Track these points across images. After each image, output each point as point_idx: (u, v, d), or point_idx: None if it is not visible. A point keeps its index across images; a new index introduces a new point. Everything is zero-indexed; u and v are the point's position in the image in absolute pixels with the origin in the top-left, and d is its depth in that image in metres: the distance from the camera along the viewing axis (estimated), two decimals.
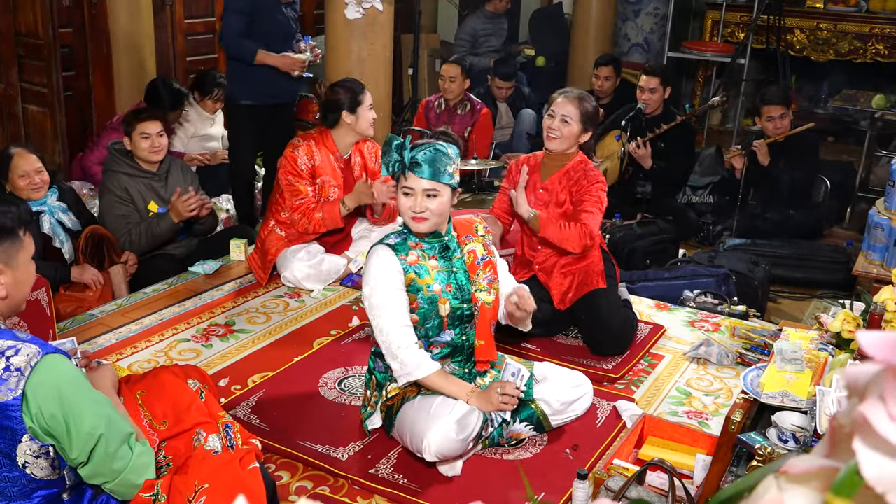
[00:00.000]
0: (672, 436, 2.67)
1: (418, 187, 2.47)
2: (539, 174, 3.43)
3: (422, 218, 2.50)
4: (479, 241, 2.68)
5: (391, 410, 2.62)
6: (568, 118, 3.30)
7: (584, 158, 3.40)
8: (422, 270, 2.55)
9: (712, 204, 5.15)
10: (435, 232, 2.59)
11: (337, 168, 3.97)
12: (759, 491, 0.53)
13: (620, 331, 3.36)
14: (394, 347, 2.49)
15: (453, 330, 2.61)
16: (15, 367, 1.63)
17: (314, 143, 3.93)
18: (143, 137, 3.86)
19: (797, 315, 4.04)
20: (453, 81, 5.51)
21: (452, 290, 2.58)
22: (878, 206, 3.81)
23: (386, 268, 2.51)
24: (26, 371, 1.64)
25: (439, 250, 2.60)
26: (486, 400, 2.51)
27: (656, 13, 7.51)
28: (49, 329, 3.02)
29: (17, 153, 3.52)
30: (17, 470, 1.70)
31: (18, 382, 1.63)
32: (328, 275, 3.99)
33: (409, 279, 2.53)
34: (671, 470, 2.15)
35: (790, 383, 2.23)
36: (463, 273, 2.62)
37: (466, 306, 2.61)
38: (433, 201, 2.49)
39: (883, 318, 2.33)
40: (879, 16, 6.94)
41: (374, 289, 2.51)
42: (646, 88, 5.10)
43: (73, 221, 3.68)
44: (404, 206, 2.51)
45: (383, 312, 2.50)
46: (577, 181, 3.33)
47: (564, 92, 3.40)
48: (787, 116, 4.79)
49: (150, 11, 5.49)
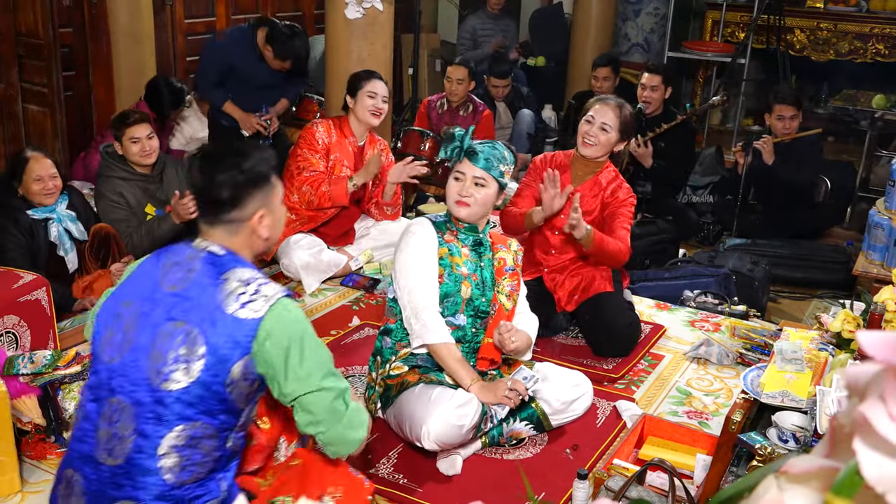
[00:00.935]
0: (672, 436, 2.67)
1: (469, 173, 2.63)
2: (568, 175, 3.39)
3: (465, 203, 2.63)
4: (510, 254, 2.80)
5: (390, 391, 2.64)
6: (607, 126, 3.27)
7: (614, 168, 3.40)
8: (454, 250, 2.67)
9: (712, 204, 5.15)
10: (472, 226, 2.70)
11: (351, 151, 4.08)
12: (759, 491, 0.53)
13: (625, 333, 3.36)
14: (419, 307, 2.57)
15: (467, 317, 2.68)
16: (262, 294, 1.79)
17: (333, 124, 4.08)
18: (133, 142, 3.84)
19: (797, 315, 4.04)
20: (460, 84, 5.48)
21: (477, 280, 2.69)
22: (879, 206, 3.81)
23: (425, 236, 2.65)
24: (272, 300, 1.79)
25: (472, 243, 2.73)
26: (491, 391, 2.53)
27: (656, 13, 7.51)
28: (49, 329, 3.02)
29: (33, 157, 3.51)
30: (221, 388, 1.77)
31: (262, 306, 1.78)
32: (328, 266, 4.01)
33: (442, 253, 2.65)
34: (671, 470, 2.15)
35: (790, 383, 2.23)
36: (489, 271, 2.73)
37: (485, 300, 2.70)
38: (480, 190, 2.63)
39: (883, 318, 2.33)
40: (879, 16, 6.94)
41: (410, 252, 2.63)
42: (647, 86, 5.10)
43: (81, 231, 3.65)
44: (452, 190, 2.66)
45: (413, 273, 2.60)
46: (614, 192, 3.32)
47: (603, 98, 3.37)
48: (797, 118, 4.78)
49: (150, 11, 5.48)
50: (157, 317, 1.79)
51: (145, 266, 1.90)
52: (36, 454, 2.57)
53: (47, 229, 3.54)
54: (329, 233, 4.14)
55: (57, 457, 2.58)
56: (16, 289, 2.91)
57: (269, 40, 4.51)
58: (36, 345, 2.92)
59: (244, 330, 1.76)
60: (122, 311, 1.84)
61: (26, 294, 2.92)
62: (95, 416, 1.81)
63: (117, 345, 1.81)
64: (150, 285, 1.84)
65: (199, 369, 1.75)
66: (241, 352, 1.76)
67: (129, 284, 1.89)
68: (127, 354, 1.79)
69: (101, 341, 1.85)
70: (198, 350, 1.75)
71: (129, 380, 1.77)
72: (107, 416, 1.78)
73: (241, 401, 1.82)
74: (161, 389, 1.74)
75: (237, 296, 1.78)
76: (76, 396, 2.70)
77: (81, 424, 1.84)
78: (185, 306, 1.79)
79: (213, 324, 1.76)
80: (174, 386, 1.74)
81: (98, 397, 1.82)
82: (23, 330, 2.89)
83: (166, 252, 1.90)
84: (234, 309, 1.77)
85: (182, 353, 1.75)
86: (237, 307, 1.78)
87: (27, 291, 2.93)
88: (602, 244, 3.14)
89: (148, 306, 1.81)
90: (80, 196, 3.82)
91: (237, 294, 1.79)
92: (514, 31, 7.45)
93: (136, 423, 1.75)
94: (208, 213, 1.89)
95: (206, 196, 1.88)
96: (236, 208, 1.86)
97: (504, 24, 7.33)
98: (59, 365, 2.66)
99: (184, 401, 1.74)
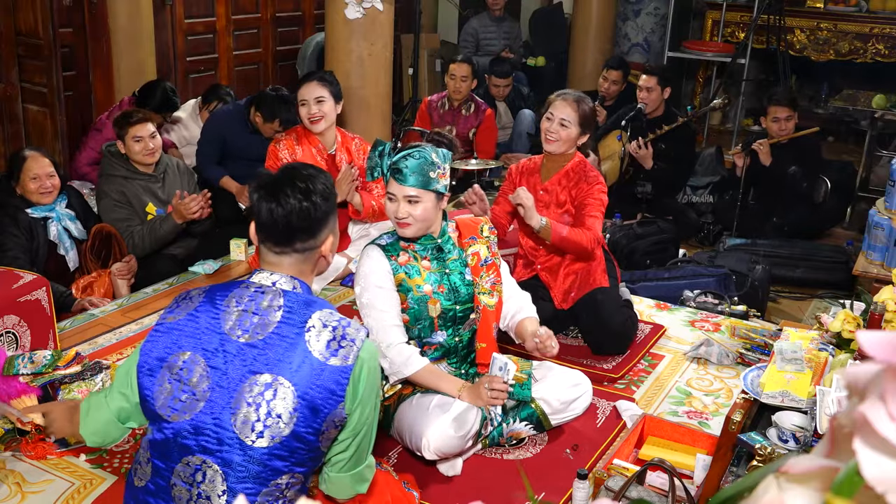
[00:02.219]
0: (672, 436, 2.67)
1: (400, 194, 2.52)
2: (539, 176, 3.42)
3: (405, 224, 2.55)
4: (483, 243, 2.71)
5: (388, 410, 2.63)
6: (566, 121, 3.28)
7: (582, 159, 3.39)
8: (412, 271, 2.58)
9: (712, 204, 5.15)
10: (427, 234, 2.61)
11: (320, 160, 3.97)
12: (759, 491, 0.53)
13: (621, 331, 3.36)
14: (382, 346, 2.51)
15: (445, 331, 2.63)
16: (349, 338, 1.71)
17: (295, 138, 3.96)
18: (136, 141, 3.84)
19: (797, 315, 4.04)
20: (464, 81, 5.47)
21: (445, 290, 2.62)
22: (879, 206, 3.81)
23: (375, 268, 2.56)
24: (359, 343, 1.72)
25: (432, 251, 2.63)
26: (477, 395, 2.53)
27: (656, 13, 7.51)
28: (49, 329, 3.02)
29: (31, 156, 3.51)
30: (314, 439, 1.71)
31: (351, 351, 1.70)
32: (328, 273, 4.00)
33: (399, 279, 2.57)
34: (671, 470, 2.15)
35: (790, 383, 2.23)
36: (457, 274, 2.65)
37: (459, 308, 2.64)
38: (416, 207, 2.52)
39: (883, 318, 2.33)
40: (879, 16, 6.94)
41: (364, 288, 2.57)
42: (644, 87, 5.13)
43: (80, 231, 3.66)
44: (389, 211, 2.58)
45: (372, 312, 2.54)
46: (577, 182, 3.32)
47: (562, 94, 3.37)
48: (792, 119, 4.78)
49: (150, 11, 5.48)
50: (236, 371, 1.68)
51: (198, 312, 1.75)
52: (36, 454, 2.57)
53: (46, 228, 3.54)
54: None
55: (57, 457, 2.58)
56: (16, 289, 2.91)
57: (256, 107, 4.61)
58: (36, 345, 2.92)
59: (336, 377, 1.68)
60: (179, 363, 1.71)
61: (26, 294, 2.92)
62: (168, 475, 1.72)
63: (183, 401, 1.70)
64: (214, 335, 1.72)
65: (294, 422, 1.66)
66: (335, 400, 1.69)
67: (178, 332, 1.74)
68: (202, 413, 1.69)
69: (156, 398, 1.72)
70: (290, 403, 1.66)
71: (213, 439, 1.68)
72: (184, 476, 1.70)
73: (327, 445, 1.76)
74: (254, 447, 1.66)
75: (327, 343, 1.70)
76: (76, 396, 2.70)
77: (154, 480, 1.75)
78: (269, 357, 1.69)
79: (304, 374, 1.67)
80: (268, 442, 1.66)
81: (166, 455, 1.72)
82: (23, 330, 2.89)
83: (224, 296, 1.77)
84: (325, 356, 1.69)
85: (273, 406, 1.66)
86: (328, 354, 1.69)
87: (27, 291, 2.93)
88: (562, 235, 3.14)
89: (220, 359, 1.70)
90: (79, 196, 3.83)
91: (326, 341, 1.70)
92: (516, 34, 7.44)
93: (228, 482, 1.68)
94: (281, 242, 1.78)
95: (281, 226, 1.75)
96: (313, 237, 1.78)
97: (506, 26, 7.32)
98: (59, 365, 2.66)
99: (277, 455, 1.67)
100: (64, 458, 2.58)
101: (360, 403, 1.73)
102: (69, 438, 2.47)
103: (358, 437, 1.77)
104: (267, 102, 4.57)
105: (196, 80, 6.27)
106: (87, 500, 2.40)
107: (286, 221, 1.75)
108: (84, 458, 2.59)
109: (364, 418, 1.76)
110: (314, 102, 3.85)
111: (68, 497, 2.41)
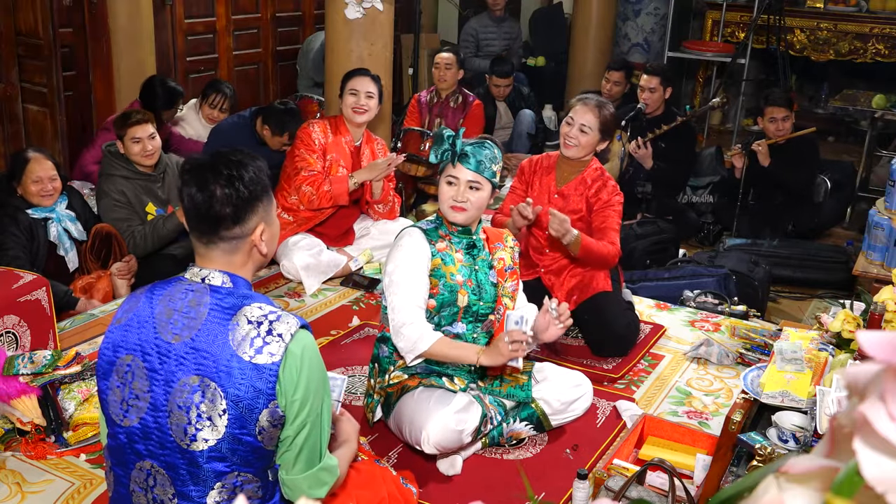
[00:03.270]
0: (672, 436, 2.67)
1: (463, 178, 2.57)
2: (553, 177, 3.40)
3: (461, 208, 2.58)
4: (507, 252, 2.77)
5: (390, 398, 2.63)
6: (586, 127, 3.26)
7: (599, 166, 3.38)
8: (448, 259, 2.62)
9: (712, 204, 5.15)
10: (465, 228, 2.66)
11: (347, 151, 4.10)
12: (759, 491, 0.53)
13: (624, 333, 3.36)
14: (399, 324, 2.52)
15: (465, 324, 2.66)
16: (276, 333, 1.65)
17: (329, 124, 4.10)
18: (135, 142, 3.84)
19: (797, 315, 4.04)
20: (448, 69, 5.45)
21: (473, 285, 2.65)
22: (879, 206, 3.81)
23: (416, 249, 2.59)
24: (287, 338, 1.66)
25: (466, 246, 2.68)
26: (497, 352, 2.45)
27: (656, 13, 7.51)
28: (49, 329, 3.02)
29: (34, 158, 3.50)
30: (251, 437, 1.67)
31: (279, 348, 1.65)
32: (328, 267, 4.02)
33: (435, 264, 2.60)
34: (671, 470, 2.15)
35: (790, 383, 2.23)
36: (484, 273, 2.69)
37: (483, 304, 2.67)
38: (474, 193, 2.58)
39: (883, 318, 2.33)
40: (879, 16, 6.94)
41: (399, 266, 2.57)
42: (646, 88, 5.12)
43: (80, 232, 3.65)
44: (446, 195, 2.60)
45: (400, 290, 2.54)
46: (598, 191, 3.30)
47: (583, 98, 3.34)
48: (789, 119, 4.78)
49: (150, 11, 5.48)
50: (168, 373, 1.66)
51: (138, 312, 1.73)
52: (36, 454, 2.57)
53: (47, 229, 3.54)
54: (328, 233, 4.15)
55: (57, 457, 2.58)
56: (16, 289, 2.91)
57: (265, 120, 4.62)
58: (36, 345, 2.92)
59: (265, 376, 1.63)
60: (123, 366, 1.71)
61: (26, 294, 2.92)
62: (126, 481, 1.72)
63: (130, 405, 1.69)
64: (150, 336, 1.70)
65: (225, 424, 1.63)
66: (265, 399, 1.64)
67: (122, 333, 1.73)
68: (146, 415, 1.68)
69: (109, 401, 1.72)
70: (219, 405, 1.63)
71: (156, 443, 1.67)
72: (139, 482, 1.70)
73: (273, 444, 1.71)
74: (191, 450, 1.64)
75: (251, 340, 1.64)
76: (76, 396, 2.70)
77: (117, 489, 1.76)
78: (197, 358, 1.65)
79: (231, 374, 1.63)
80: (203, 445, 1.63)
81: (123, 461, 1.73)
82: (23, 330, 2.89)
83: (160, 294, 1.73)
84: (250, 355, 1.64)
85: (204, 409, 1.63)
86: (253, 352, 1.64)
87: (27, 291, 2.93)
88: (590, 248, 3.13)
89: (155, 362, 1.68)
90: (79, 197, 3.82)
91: (251, 338, 1.65)
92: (516, 34, 7.44)
93: (175, 486, 1.66)
94: (207, 231, 1.72)
95: (203, 213, 1.70)
96: (238, 224, 1.71)
97: (506, 26, 7.32)
98: (59, 365, 2.66)
99: (216, 457, 1.64)
100: (64, 458, 2.58)
101: (298, 400, 1.66)
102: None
103: (302, 434, 1.70)
104: (275, 116, 4.58)
105: (196, 80, 6.26)
106: (87, 500, 2.40)
107: (208, 207, 1.69)
108: (84, 458, 2.59)
109: (307, 415, 1.69)
110: (364, 96, 4.03)
111: (68, 497, 2.41)
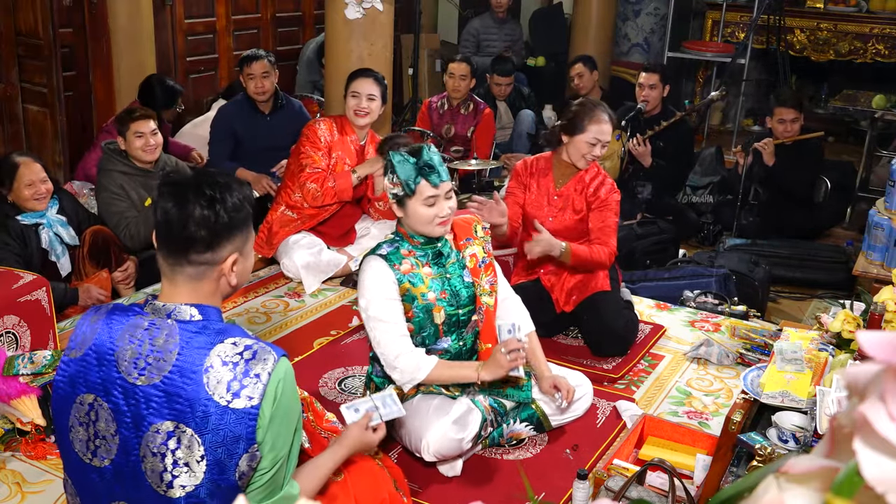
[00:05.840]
0: (672, 436, 2.67)
1: (442, 191, 2.47)
2: (551, 178, 3.40)
3: (447, 221, 2.52)
4: (479, 244, 2.68)
5: None
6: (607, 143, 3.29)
7: (596, 165, 3.39)
8: (416, 279, 2.53)
9: (712, 204, 5.15)
10: (428, 238, 2.56)
11: (352, 150, 4.11)
12: (759, 491, 0.53)
13: (622, 333, 3.36)
14: (391, 358, 2.47)
15: (449, 337, 2.60)
16: (252, 374, 1.55)
17: (335, 122, 4.11)
18: (137, 136, 3.85)
19: (797, 315, 4.04)
20: (463, 79, 5.48)
21: (447, 296, 2.57)
22: (879, 206, 3.81)
23: (380, 279, 2.48)
24: (264, 379, 1.55)
25: (432, 257, 2.58)
26: (496, 365, 2.44)
27: (656, 13, 7.51)
28: (49, 329, 3.02)
29: (23, 162, 3.47)
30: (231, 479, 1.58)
31: (256, 390, 1.54)
32: (328, 266, 4.03)
33: (404, 289, 2.50)
34: (671, 470, 2.15)
35: (790, 383, 2.23)
36: (458, 278, 2.61)
37: (462, 311, 2.60)
38: (452, 200, 2.52)
39: (883, 318, 2.33)
40: (879, 16, 6.94)
41: (370, 301, 2.49)
42: (645, 85, 5.11)
43: (72, 237, 3.61)
44: (429, 216, 2.47)
45: (379, 325, 2.48)
46: (596, 190, 3.31)
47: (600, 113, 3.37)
48: (798, 121, 4.77)
49: (150, 11, 5.48)
50: (136, 416, 1.55)
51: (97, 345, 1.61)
52: (36, 454, 2.57)
53: (38, 235, 3.50)
54: (330, 232, 4.15)
55: (57, 457, 2.58)
56: (16, 289, 2.91)
57: (240, 70, 4.76)
58: (36, 345, 2.92)
59: (244, 420, 1.53)
60: (84, 405, 1.60)
61: (26, 294, 2.92)
62: None
63: (98, 445, 1.60)
64: (111, 376, 1.58)
65: (203, 471, 1.54)
66: (245, 444, 1.54)
67: (79, 367, 1.61)
68: (117, 458, 1.58)
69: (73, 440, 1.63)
70: (196, 451, 1.53)
71: (130, 485, 1.59)
72: None
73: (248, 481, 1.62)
74: (167, 496, 1.55)
75: (227, 383, 1.53)
76: None
77: None
78: (169, 402, 1.54)
79: (207, 420, 1.52)
80: (181, 492, 1.54)
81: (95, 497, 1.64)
82: (23, 330, 2.89)
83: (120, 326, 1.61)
84: (227, 399, 1.53)
85: (180, 455, 1.53)
86: (230, 396, 1.53)
87: (27, 291, 2.93)
88: (580, 256, 3.16)
89: (120, 402, 1.57)
90: (71, 200, 3.78)
91: (227, 381, 1.53)
92: (518, 35, 7.43)
93: None
94: (175, 251, 1.60)
95: (176, 232, 1.58)
96: (211, 250, 1.60)
97: (508, 28, 7.32)
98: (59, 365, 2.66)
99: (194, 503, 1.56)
100: None
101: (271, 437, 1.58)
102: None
103: (276, 465, 1.61)
104: (244, 59, 4.80)
105: (196, 80, 6.27)
106: None
107: (182, 227, 1.57)
108: None
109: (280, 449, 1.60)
110: (366, 98, 4.01)
111: None
